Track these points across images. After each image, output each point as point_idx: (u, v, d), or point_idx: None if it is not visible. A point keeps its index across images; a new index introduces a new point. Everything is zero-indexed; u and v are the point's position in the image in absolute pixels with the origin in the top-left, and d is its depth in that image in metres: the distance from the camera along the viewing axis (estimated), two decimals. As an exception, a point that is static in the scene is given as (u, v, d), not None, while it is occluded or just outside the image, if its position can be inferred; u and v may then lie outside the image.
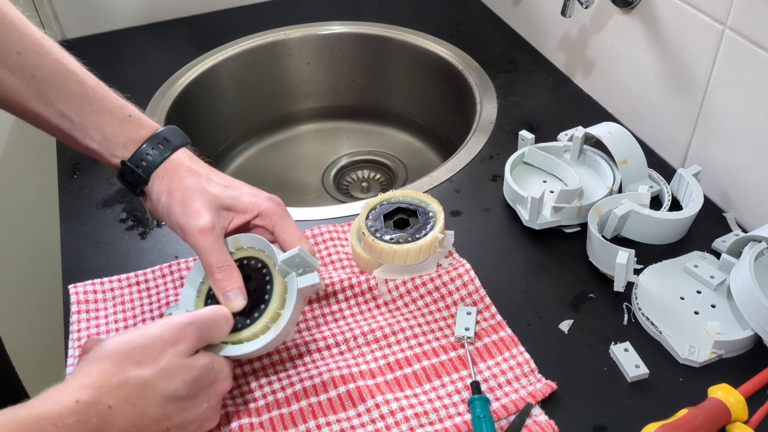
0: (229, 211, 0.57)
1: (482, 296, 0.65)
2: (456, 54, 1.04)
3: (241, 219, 0.57)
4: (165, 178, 0.57)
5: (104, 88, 0.57)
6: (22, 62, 0.53)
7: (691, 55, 0.74)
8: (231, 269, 0.55)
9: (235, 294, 0.55)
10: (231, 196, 0.57)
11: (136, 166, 0.57)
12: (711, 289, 0.65)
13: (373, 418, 0.55)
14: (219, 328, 0.53)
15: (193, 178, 0.57)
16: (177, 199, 0.56)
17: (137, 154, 0.57)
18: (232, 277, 0.55)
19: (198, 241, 0.55)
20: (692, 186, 0.72)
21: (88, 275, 0.69)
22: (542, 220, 0.71)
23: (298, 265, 0.55)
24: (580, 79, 0.96)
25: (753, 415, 0.55)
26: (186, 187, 0.56)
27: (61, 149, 0.88)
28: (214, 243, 0.55)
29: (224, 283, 0.55)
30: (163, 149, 0.57)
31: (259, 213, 0.57)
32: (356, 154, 1.13)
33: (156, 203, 0.57)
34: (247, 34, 1.09)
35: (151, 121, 0.59)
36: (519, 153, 0.78)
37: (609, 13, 0.85)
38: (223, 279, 0.55)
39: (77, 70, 0.56)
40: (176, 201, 0.56)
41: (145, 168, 0.57)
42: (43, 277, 1.32)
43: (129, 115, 0.57)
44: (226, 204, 0.57)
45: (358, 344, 0.62)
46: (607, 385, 0.58)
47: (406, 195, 0.70)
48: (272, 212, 0.57)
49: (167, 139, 0.58)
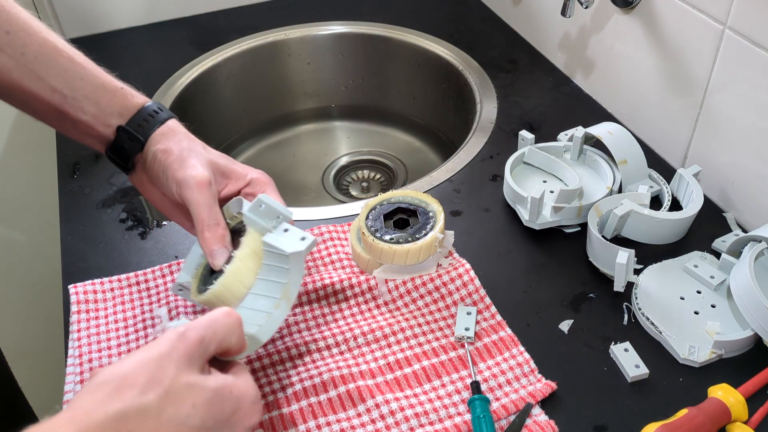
0: (223, 176, 0.58)
1: (482, 296, 0.65)
2: (456, 54, 1.04)
3: (233, 186, 0.59)
4: (162, 139, 0.57)
5: (93, 65, 0.58)
6: (11, 41, 0.54)
7: (691, 55, 0.74)
8: (219, 228, 0.55)
9: (221, 252, 0.54)
10: (226, 163, 0.59)
11: (134, 130, 0.57)
12: (711, 289, 0.65)
13: (373, 418, 0.55)
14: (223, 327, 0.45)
15: (191, 141, 0.58)
16: (175, 156, 0.56)
17: (134, 119, 0.58)
18: (219, 236, 0.55)
19: (194, 194, 0.55)
20: (692, 186, 0.72)
21: (88, 275, 0.69)
22: (542, 220, 0.71)
23: (266, 214, 0.55)
24: (580, 79, 0.96)
25: (753, 415, 0.55)
26: (184, 147, 0.57)
27: (61, 149, 0.88)
28: (209, 199, 0.55)
29: (212, 241, 0.54)
30: (158, 115, 0.59)
31: (250, 181, 0.59)
32: (356, 154, 1.13)
33: (152, 164, 0.57)
34: (247, 34, 1.09)
35: (141, 95, 0.60)
36: (519, 153, 0.78)
37: (609, 13, 0.85)
38: (211, 237, 0.55)
39: (66, 48, 0.57)
40: (174, 158, 0.56)
41: (143, 132, 0.58)
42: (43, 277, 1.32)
43: (121, 87, 0.59)
44: (222, 169, 0.58)
45: (358, 344, 0.62)
46: (607, 385, 0.58)
47: (406, 195, 0.70)
48: (262, 181, 0.59)
49: (161, 108, 0.59)
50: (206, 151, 0.58)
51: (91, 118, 0.57)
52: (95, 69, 0.58)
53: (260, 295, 0.54)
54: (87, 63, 0.58)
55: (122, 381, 0.39)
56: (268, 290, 0.54)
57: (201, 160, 0.56)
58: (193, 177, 0.55)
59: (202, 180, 0.55)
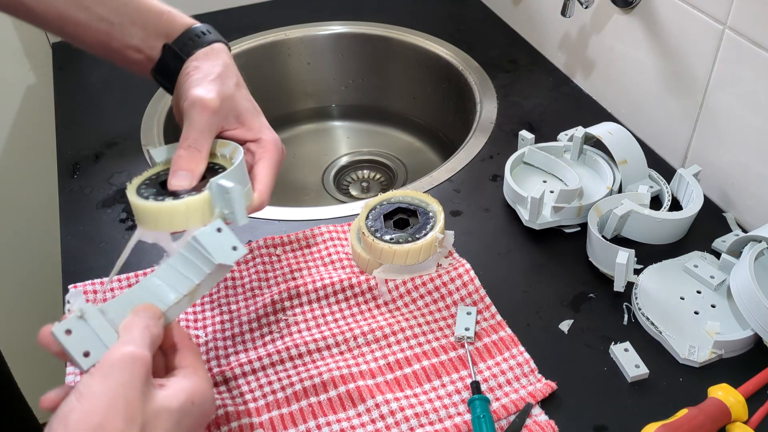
0: (237, 120, 0.56)
1: (482, 296, 0.65)
2: (456, 54, 1.04)
3: (241, 134, 0.57)
4: (201, 57, 0.57)
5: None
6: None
7: (691, 55, 0.74)
8: (199, 154, 0.52)
9: (185, 176, 0.51)
10: (246, 109, 0.57)
11: (179, 49, 0.57)
12: (711, 289, 0.65)
13: (373, 418, 0.55)
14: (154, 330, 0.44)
15: (227, 69, 0.56)
16: (201, 75, 0.55)
17: (180, 38, 0.57)
18: (194, 160, 0.52)
19: (194, 113, 0.53)
20: (692, 186, 0.72)
21: (88, 275, 0.69)
22: (542, 220, 0.71)
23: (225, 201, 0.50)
24: (580, 79, 0.96)
25: (753, 415, 0.55)
26: (214, 71, 0.55)
27: (61, 149, 0.88)
28: (204, 124, 0.53)
29: (184, 161, 0.52)
30: (205, 36, 0.58)
31: (260, 139, 0.57)
32: (356, 154, 1.13)
33: (180, 78, 0.56)
34: (247, 34, 1.09)
35: (189, 18, 0.59)
36: (519, 153, 0.78)
37: (609, 13, 0.85)
38: (186, 157, 0.52)
39: None
40: (199, 76, 0.55)
41: (187, 51, 0.57)
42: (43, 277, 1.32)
43: (168, 10, 0.58)
44: (239, 112, 0.56)
45: (358, 344, 0.62)
46: (607, 385, 0.58)
47: (406, 195, 0.70)
48: (271, 147, 0.57)
49: (209, 30, 0.59)
50: (237, 88, 0.56)
51: (139, 41, 0.57)
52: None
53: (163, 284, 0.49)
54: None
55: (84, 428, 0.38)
56: (176, 282, 0.49)
57: (223, 92, 0.55)
58: (201, 98, 0.53)
59: (208, 103, 0.53)
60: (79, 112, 0.95)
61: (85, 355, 0.43)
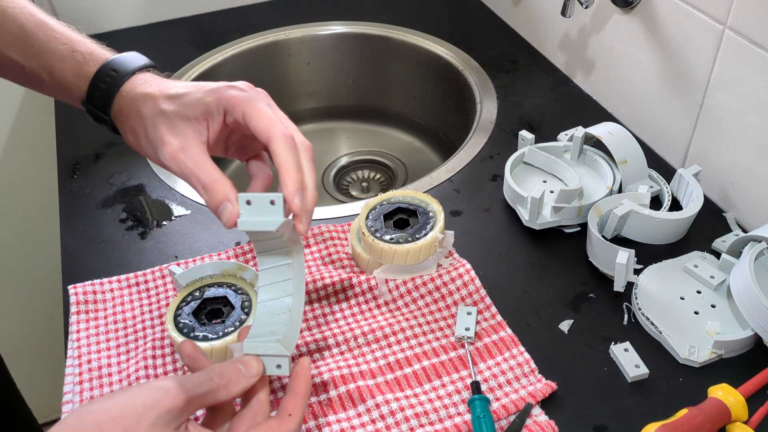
0: (198, 121, 0.51)
1: (482, 296, 0.65)
2: (456, 54, 1.04)
3: (215, 124, 0.52)
4: (122, 116, 0.53)
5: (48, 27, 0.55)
6: None
7: (691, 55, 0.74)
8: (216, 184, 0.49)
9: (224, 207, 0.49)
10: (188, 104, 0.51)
11: (93, 106, 0.54)
12: (711, 289, 0.64)
13: (373, 418, 0.55)
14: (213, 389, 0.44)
15: (148, 105, 0.52)
16: (142, 136, 0.52)
17: (90, 92, 0.54)
18: (218, 192, 0.49)
19: (177, 166, 0.50)
20: (692, 186, 0.72)
21: (88, 275, 0.69)
22: (542, 220, 0.71)
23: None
24: (580, 79, 0.96)
25: (753, 415, 0.55)
26: (144, 119, 0.52)
27: (61, 149, 0.88)
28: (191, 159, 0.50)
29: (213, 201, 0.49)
30: (110, 82, 0.53)
31: (225, 109, 0.51)
32: (356, 154, 1.13)
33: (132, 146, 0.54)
34: (247, 34, 1.09)
35: (98, 52, 0.55)
36: (519, 153, 0.78)
37: (609, 13, 0.85)
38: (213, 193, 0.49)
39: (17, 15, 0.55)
40: (142, 139, 0.52)
41: (101, 107, 0.54)
42: (43, 277, 1.32)
43: (73, 51, 0.54)
44: (188, 115, 0.51)
45: (358, 344, 0.62)
46: (607, 385, 0.58)
47: (406, 195, 0.70)
48: (236, 101, 0.51)
49: (115, 70, 0.54)
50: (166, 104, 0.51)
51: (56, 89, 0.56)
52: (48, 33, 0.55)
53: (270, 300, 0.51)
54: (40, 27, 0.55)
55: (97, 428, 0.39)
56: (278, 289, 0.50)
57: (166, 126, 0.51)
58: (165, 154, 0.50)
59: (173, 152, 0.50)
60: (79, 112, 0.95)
61: None
